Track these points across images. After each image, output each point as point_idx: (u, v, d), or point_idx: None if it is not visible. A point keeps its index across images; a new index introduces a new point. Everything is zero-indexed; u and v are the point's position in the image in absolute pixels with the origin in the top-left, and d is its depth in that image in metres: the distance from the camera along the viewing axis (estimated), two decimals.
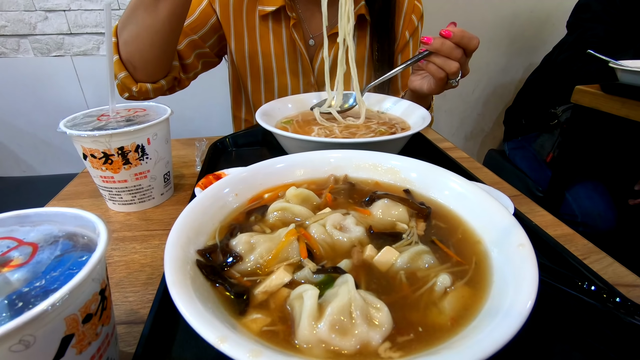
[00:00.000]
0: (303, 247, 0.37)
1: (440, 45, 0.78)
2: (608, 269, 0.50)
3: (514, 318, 0.27)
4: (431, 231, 0.42)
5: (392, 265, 0.36)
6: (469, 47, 0.79)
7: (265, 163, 0.52)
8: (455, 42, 0.78)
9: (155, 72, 0.89)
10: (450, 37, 0.77)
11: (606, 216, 1.67)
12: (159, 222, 0.62)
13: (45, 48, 1.94)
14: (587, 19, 1.71)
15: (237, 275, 0.35)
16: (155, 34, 0.81)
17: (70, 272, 0.27)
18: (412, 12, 1.10)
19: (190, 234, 0.38)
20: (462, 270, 0.36)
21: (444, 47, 0.78)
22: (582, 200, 1.70)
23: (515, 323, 0.26)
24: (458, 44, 0.78)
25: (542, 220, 0.60)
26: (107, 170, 0.60)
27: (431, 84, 0.88)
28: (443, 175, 0.47)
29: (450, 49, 0.78)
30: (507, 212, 0.39)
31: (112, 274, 0.50)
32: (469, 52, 0.80)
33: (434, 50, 0.79)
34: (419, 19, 1.12)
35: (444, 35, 0.78)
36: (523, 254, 0.33)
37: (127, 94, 0.91)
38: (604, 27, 1.64)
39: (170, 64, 0.94)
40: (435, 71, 0.81)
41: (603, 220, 1.66)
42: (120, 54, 0.84)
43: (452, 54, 0.78)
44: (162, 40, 0.83)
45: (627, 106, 1.36)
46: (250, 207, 0.46)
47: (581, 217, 1.67)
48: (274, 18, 1.03)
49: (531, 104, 2.06)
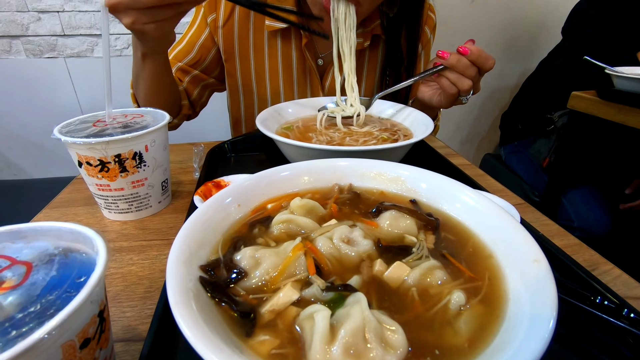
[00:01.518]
0: (311, 263, 0.35)
1: (456, 62, 0.77)
2: (617, 280, 0.49)
3: (537, 339, 0.26)
4: (441, 244, 0.41)
5: (403, 281, 0.35)
6: (485, 67, 0.78)
7: (268, 172, 0.50)
8: (471, 60, 0.77)
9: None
10: (467, 54, 0.76)
11: (602, 221, 1.68)
12: (157, 232, 0.60)
13: (38, 49, 1.90)
14: (583, 24, 1.72)
15: (242, 293, 0.34)
16: (148, 94, 0.90)
17: (68, 295, 0.25)
18: (426, 24, 1.07)
19: (192, 248, 0.36)
20: (475, 287, 0.34)
21: (459, 64, 0.77)
22: (578, 205, 1.71)
23: (539, 345, 0.25)
24: (474, 62, 0.77)
25: (547, 230, 0.60)
26: (103, 178, 0.58)
27: (441, 98, 0.87)
28: (454, 187, 0.46)
29: (465, 67, 0.77)
30: (519, 225, 0.38)
31: (109, 287, 0.48)
32: (483, 72, 0.80)
33: (449, 66, 0.78)
34: (432, 31, 1.09)
35: (461, 52, 0.77)
36: (539, 270, 0.32)
37: None
38: (599, 33, 1.65)
39: (178, 106, 1.02)
40: (448, 87, 0.80)
41: (599, 224, 1.67)
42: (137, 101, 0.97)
43: (467, 71, 0.77)
44: (157, 95, 0.91)
45: (623, 112, 1.37)
46: (254, 218, 0.45)
47: (577, 222, 1.68)
48: (283, 36, 0.99)
49: (527, 108, 2.08)
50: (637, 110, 1.31)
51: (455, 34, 2.31)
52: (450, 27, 2.29)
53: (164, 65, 0.86)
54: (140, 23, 0.64)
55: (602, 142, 1.66)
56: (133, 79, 0.92)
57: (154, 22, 0.65)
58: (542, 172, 1.90)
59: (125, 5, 0.61)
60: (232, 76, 1.06)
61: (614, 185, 1.74)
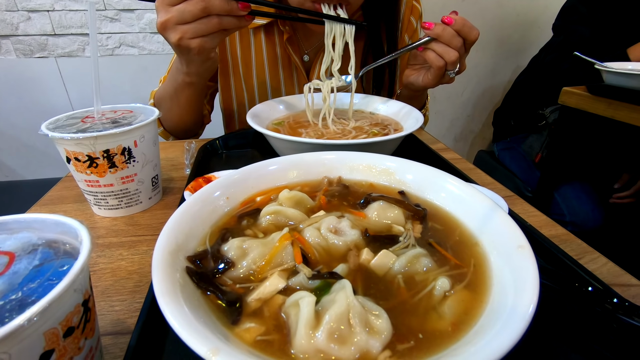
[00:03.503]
0: (298, 252, 0.36)
1: (442, 31, 0.76)
2: (603, 268, 0.49)
3: (517, 323, 0.26)
4: (428, 233, 0.41)
5: (389, 269, 0.35)
6: (469, 37, 0.78)
7: (257, 165, 0.50)
8: (456, 30, 0.76)
9: (193, 131, 1.06)
10: (452, 24, 0.76)
11: (593, 215, 1.70)
12: (147, 227, 0.60)
13: (28, 49, 1.89)
14: (574, 20, 1.74)
15: (229, 282, 0.34)
16: (181, 116, 0.96)
17: (50, 283, 0.25)
18: (411, 14, 1.07)
19: (179, 240, 0.36)
20: (460, 274, 0.35)
21: (445, 33, 0.76)
22: (570, 200, 1.73)
23: (518, 328, 0.25)
24: (459, 32, 0.77)
25: (536, 221, 0.60)
26: (92, 174, 0.57)
27: (427, 75, 0.86)
28: (439, 177, 0.47)
29: (451, 36, 0.76)
30: (505, 214, 0.38)
31: (98, 282, 0.48)
32: (468, 44, 0.79)
33: (435, 36, 0.77)
34: (418, 20, 1.09)
35: (445, 22, 0.77)
36: (523, 256, 0.32)
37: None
38: (590, 29, 1.67)
39: (202, 122, 1.08)
40: (435, 59, 0.79)
41: (590, 219, 1.69)
42: (163, 126, 1.01)
43: (453, 41, 0.77)
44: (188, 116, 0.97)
45: (613, 107, 1.38)
46: (242, 210, 0.45)
47: (569, 217, 1.70)
48: (266, 32, 1.00)
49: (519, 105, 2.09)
50: (626, 105, 1.33)
51: None
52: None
53: (202, 91, 0.92)
54: (186, 38, 0.69)
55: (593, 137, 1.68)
56: (158, 101, 0.97)
57: (198, 37, 0.69)
58: (534, 167, 1.92)
59: (174, 21, 0.67)
60: (225, 74, 1.07)
61: (605, 180, 1.76)
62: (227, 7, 0.67)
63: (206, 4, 0.65)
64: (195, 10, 0.65)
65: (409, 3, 1.06)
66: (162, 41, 1.95)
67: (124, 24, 1.90)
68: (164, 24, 0.68)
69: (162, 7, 0.67)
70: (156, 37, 1.96)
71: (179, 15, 0.66)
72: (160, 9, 0.68)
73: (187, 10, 0.66)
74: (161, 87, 0.96)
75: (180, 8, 0.66)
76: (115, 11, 1.86)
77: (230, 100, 1.11)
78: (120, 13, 1.87)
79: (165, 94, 0.92)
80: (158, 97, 0.97)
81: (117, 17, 1.88)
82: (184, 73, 0.82)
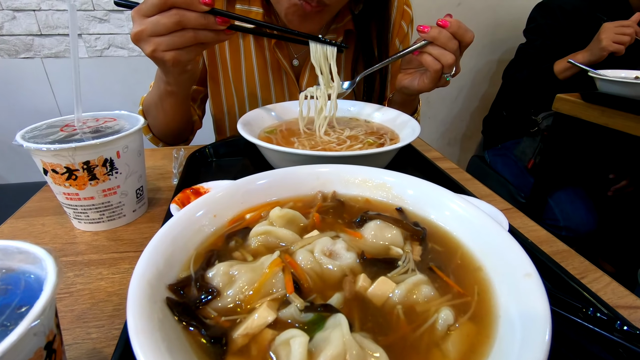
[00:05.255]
0: (289, 280, 0.33)
1: (438, 34, 0.75)
2: (607, 288, 0.48)
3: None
4: (428, 256, 0.39)
5: (388, 298, 0.33)
6: (465, 39, 0.77)
7: (246, 180, 0.48)
8: (452, 33, 0.75)
9: (182, 138, 1.03)
10: (447, 26, 0.75)
11: (587, 220, 1.70)
12: (130, 243, 0.57)
13: (14, 49, 1.83)
14: (530, 29, 1.88)
15: (214, 315, 0.31)
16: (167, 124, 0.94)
17: (3, 330, 0.22)
18: (402, 19, 1.06)
19: (160, 266, 0.33)
20: (464, 303, 0.32)
21: (441, 36, 0.75)
22: (564, 205, 1.73)
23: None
24: (454, 34, 0.76)
25: (536, 236, 0.58)
26: (71, 186, 0.54)
27: (423, 79, 0.84)
28: (442, 195, 0.44)
29: (447, 39, 0.75)
30: (510, 237, 0.36)
31: (74, 305, 0.45)
32: (463, 46, 0.78)
33: (431, 39, 0.76)
34: (409, 24, 1.08)
35: (440, 24, 0.75)
36: (530, 286, 0.30)
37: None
38: (541, 39, 1.79)
39: (191, 127, 1.06)
40: (432, 62, 0.77)
41: (584, 223, 1.70)
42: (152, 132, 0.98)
43: (449, 44, 0.75)
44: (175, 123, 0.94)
45: (607, 115, 1.38)
46: (230, 229, 0.42)
47: (563, 222, 1.70)
48: (255, 37, 0.99)
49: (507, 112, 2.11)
50: (619, 113, 1.33)
51: None
52: None
53: (186, 100, 0.90)
54: (160, 50, 0.66)
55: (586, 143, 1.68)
56: (146, 107, 0.95)
57: (173, 50, 0.67)
58: (527, 173, 1.92)
59: (148, 33, 0.65)
60: (214, 79, 1.05)
61: (598, 185, 1.76)
62: (203, 21, 0.64)
63: (180, 17, 0.63)
64: (169, 23, 0.63)
65: (399, 8, 1.05)
66: None
67: (113, 25, 1.86)
68: (137, 35, 0.66)
69: (137, 17, 0.65)
70: None
71: (152, 28, 0.64)
72: (135, 19, 0.66)
73: (161, 23, 0.63)
74: (148, 93, 0.94)
75: (154, 20, 0.63)
76: (105, 12, 1.82)
77: (220, 106, 1.09)
78: (109, 14, 1.83)
79: (151, 101, 0.90)
80: (146, 104, 0.95)
81: (106, 18, 1.84)
82: (164, 82, 0.80)
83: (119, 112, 0.65)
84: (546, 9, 1.81)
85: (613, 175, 1.72)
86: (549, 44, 1.76)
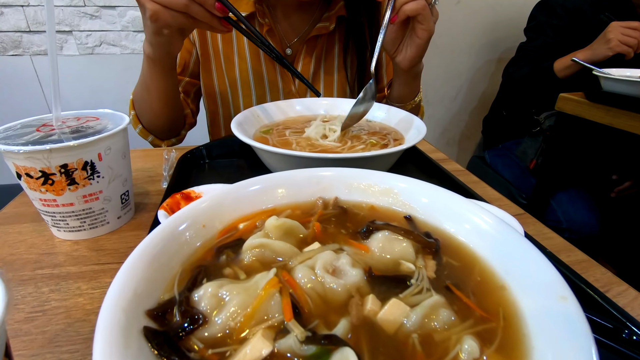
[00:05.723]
0: (287, 304, 0.28)
1: None
2: (634, 303, 0.44)
3: None
4: (443, 272, 0.34)
5: (401, 325, 0.28)
6: None
7: (238, 185, 0.43)
8: None
9: (173, 131, 1.00)
10: None
11: (590, 221, 1.68)
12: (113, 253, 0.52)
13: (1, 46, 1.77)
14: (531, 27, 1.86)
15: (200, 347, 0.27)
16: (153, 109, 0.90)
17: None
18: None
19: (138, 288, 0.28)
20: (488, 330, 0.28)
21: None
22: (566, 206, 1.70)
23: None
24: None
25: (552, 244, 0.54)
26: (48, 192, 0.49)
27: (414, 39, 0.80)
28: (458, 203, 0.40)
29: None
30: (537, 251, 0.32)
31: (47, 325, 0.40)
32: None
33: None
34: None
35: None
36: (567, 310, 0.26)
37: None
38: (543, 38, 1.77)
39: (182, 120, 1.02)
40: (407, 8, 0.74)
41: (587, 225, 1.67)
42: (141, 123, 0.95)
43: None
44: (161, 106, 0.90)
45: (611, 114, 1.35)
46: (221, 241, 0.38)
47: (566, 224, 1.67)
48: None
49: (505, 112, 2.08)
50: (625, 112, 1.29)
51: (440, 36, 2.28)
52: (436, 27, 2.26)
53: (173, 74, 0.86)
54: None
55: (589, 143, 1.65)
56: (135, 93, 0.93)
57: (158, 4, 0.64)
58: (528, 174, 1.89)
59: None
60: (207, 69, 1.02)
61: (601, 186, 1.73)
62: None
63: None
64: None
65: None
66: None
67: (104, 22, 1.80)
68: None
69: None
70: (139, 35, 1.86)
71: None
72: None
73: None
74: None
75: None
76: (96, 8, 1.76)
77: (213, 96, 1.06)
78: (100, 10, 1.77)
79: (138, 85, 0.89)
80: (135, 90, 0.92)
81: (98, 14, 1.78)
82: (144, 42, 0.77)
83: (102, 110, 0.60)
84: (547, 7, 1.78)
85: (616, 177, 1.69)
86: (550, 43, 1.74)
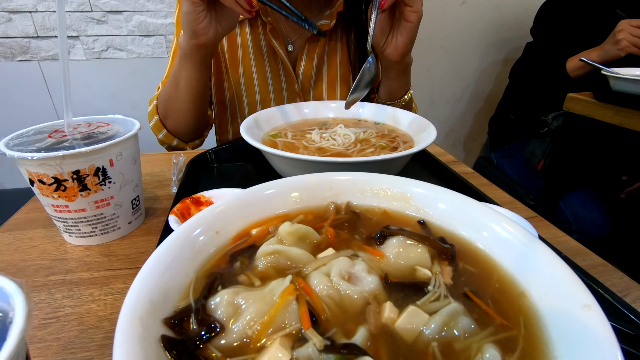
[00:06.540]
0: (305, 312, 0.28)
1: None
2: None
3: None
4: (460, 279, 0.34)
5: (420, 333, 0.28)
6: None
7: (251, 190, 0.43)
8: None
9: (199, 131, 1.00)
10: None
11: (599, 222, 1.65)
12: (125, 259, 0.52)
13: (10, 52, 1.79)
14: (539, 27, 1.85)
15: (218, 355, 0.26)
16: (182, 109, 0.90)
17: None
18: None
19: (155, 297, 0.28)
20: (509, 338, 0.28)
21: None
22: (575, 207, 1.68)
23: None
24: None
25: (567, 248, 0.54)
26: (60, 198, 0.50)
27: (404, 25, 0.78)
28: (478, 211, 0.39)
29: None
30: (556, 256, 0.31)
31: (61, 332, 0.40)
32: None
33: None
34: None
35: None
36: (591, 320, 0.25)
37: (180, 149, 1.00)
38: (551, 37, 1.76)
39: (207, 120, 1.02)
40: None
41: (597, 226, 1.65)
42: (165, 127, 0.95)
43: None
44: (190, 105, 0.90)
45: (621, 114, 1.33)
46: (235, 248, 0.38)
47: (575, 225, 1.65)
48: (250, 24, 0.98)
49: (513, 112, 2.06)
50: (635, 112, 1.28)
51: (446, 35, 2.27)
52: (442, 28, 2.26)
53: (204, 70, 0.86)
54: None
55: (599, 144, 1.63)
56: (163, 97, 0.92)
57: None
58: (536, 175, 1.87)
59: None
60: (216, 72, 1.02)
61: (611, 187, 1.71)
62: None
63: None
64: None
65: None
66: (152, 44, 1.87)
67: (111, 26, 1.81)
68: None
69: None
70: (145, 40, 1.87)
71: None
72: None
73: None
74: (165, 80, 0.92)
75: None
76: (102, 13, 1.78)
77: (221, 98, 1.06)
78: (107, 15, 1.79)
79: (165, 86, 0.89)
80: (161, 93, 0.93)
81: (104, 19, 1.80)
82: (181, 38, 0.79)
83: (113, 116, 0.61)
84: (555, 6, 1.76)
85: (626, 177, 1.66)
86: (558, 41, 1.72)
